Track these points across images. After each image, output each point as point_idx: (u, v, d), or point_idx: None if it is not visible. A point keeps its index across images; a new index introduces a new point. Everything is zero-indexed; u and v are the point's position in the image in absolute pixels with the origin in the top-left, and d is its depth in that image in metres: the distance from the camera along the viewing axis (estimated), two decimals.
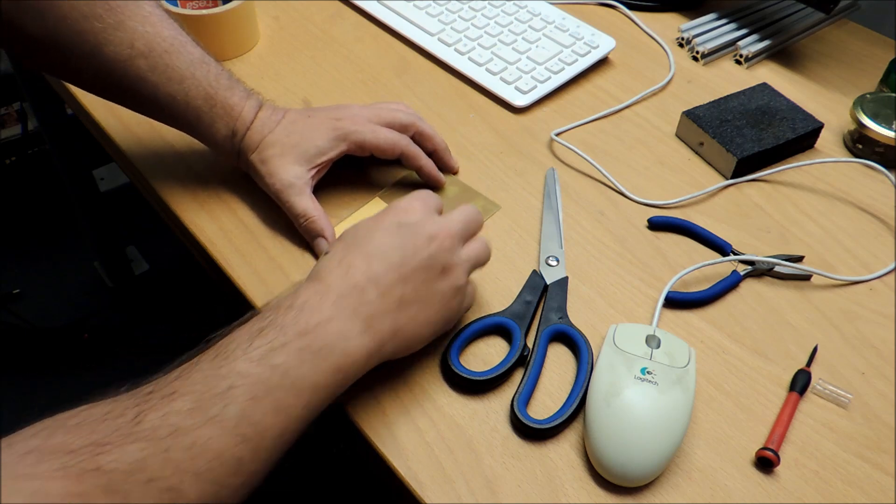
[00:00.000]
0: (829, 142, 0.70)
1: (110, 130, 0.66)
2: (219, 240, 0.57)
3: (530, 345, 0.51)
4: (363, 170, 0.63)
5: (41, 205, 1.58)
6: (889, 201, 0.65)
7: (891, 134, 0.66)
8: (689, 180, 0.66)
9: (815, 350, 0.52)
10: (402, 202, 0.49)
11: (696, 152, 0.68)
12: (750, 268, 0.58)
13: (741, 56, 0.79)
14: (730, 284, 0.56)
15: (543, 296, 0.55)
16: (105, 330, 1.42)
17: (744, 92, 0.71)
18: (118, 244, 1.45)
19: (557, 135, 0.68)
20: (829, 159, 0.68)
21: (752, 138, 0.66)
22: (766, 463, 0.46)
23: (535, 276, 0.56)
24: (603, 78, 0.76)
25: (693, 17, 0.84)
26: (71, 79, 0.56)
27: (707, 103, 0.69)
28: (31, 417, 0.34)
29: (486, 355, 0.51)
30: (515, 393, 0.48)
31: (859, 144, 0.69)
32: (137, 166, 0.63)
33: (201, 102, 0.55)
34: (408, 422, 0.47)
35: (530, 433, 0.47)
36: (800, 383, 0.50)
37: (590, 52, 0.76)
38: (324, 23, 0.81)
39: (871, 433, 0.48)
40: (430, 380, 0.49)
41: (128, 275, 1.49)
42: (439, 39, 0.77)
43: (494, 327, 0.52)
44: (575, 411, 0.47)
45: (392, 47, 0.78)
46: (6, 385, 1.32)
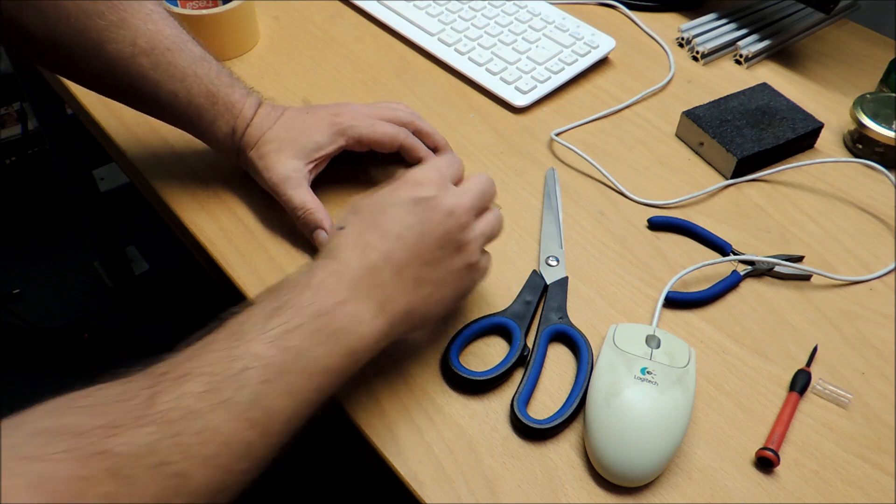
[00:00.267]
0: (829, 142, 0.70)
1: (110, 130, 0.66)
2: (219, 240, 0.57)
3: (530, 345, 0.51)
4: (362, 167, 0.63)
5: (41, 205, 1.58)
6: (889, 201, 0.65)
7: (891, 134, 0.66)
8: (689, 180, 0.66)
9: (814, 350, 0.52)
10: (418, 172, 0.48)
11: (696, 152, 0.68)
12: (750, 268, 0.58)
13: (741, 56, 0.79)
14: (730, 284, 0.56)
15: (543, 296, 0.55)
16: (105, 330, 1.42)
17: (744, 92, 0.71)
18: (118, 244, 1.45)
19: (557, 135, 0.68)
20: (829, 159, 0.68)
21: (752, 138, 0.66)
22: (766, 463, 0.46)
23: (535, 275, 0.56)
24: (603, 78, 0.76)
25: (693, 17, 0.84)
26: (72, 76, 0.56)
27: (707, 103, 0.69)
28: None
29: (486, 355, 0.51)
30: (515, 393, 0.48)
31: (859, 144, 0.69)
32: (137, 166, 0.63)
33: (203, 100, 0.55)
34: (408, 422, 0.47)
35: (530, 433, 0.47)
36: (800, 383, 0.50)
37: (590, 52, 0.76)
38: (324, 23, 0.81)
39: (871, 433, 0.48)
40: (430, 380, 0.49)
41: (128, 275, 1.49)
42: (439, 39, 0.77)
43: (494, 327, 0.52)
44: (575, 411, 0.47)
45: (392, 47, 0.78)
46: (6, 385, 1.32)
